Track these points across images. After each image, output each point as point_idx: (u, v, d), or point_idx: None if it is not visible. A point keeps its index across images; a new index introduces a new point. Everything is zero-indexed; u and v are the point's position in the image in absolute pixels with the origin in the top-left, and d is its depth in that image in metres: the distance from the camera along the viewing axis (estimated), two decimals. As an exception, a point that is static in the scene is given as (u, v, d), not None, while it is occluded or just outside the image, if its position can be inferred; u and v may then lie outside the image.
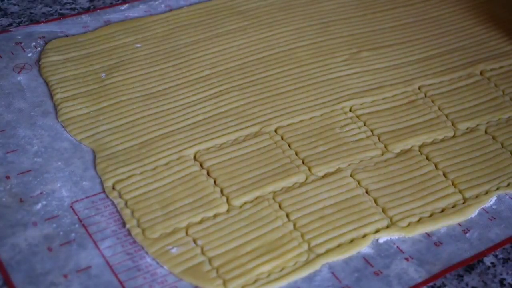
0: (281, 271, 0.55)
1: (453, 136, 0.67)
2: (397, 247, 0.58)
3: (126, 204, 0.59)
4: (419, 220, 0.60)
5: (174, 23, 0.78)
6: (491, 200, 0.62)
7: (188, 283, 0.54)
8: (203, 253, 0.56)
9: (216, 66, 0.72)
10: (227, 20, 0.78)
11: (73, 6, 0.80)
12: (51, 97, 0.68)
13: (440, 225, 0.60)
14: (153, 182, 0.60)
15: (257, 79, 0.71)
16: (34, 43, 0.74)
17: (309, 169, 0.63)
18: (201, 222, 0.58)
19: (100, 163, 0.62)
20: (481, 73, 0.75)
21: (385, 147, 0.66)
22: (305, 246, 0.57)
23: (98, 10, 0.79)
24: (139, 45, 0.74)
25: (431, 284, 0.56)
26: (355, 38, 0.78)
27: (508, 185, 0.63)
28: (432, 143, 0.66)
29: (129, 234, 0.57)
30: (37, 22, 0.77)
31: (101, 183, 0.61)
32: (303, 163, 0.63)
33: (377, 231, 0.58)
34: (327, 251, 0.57)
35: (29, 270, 0.54)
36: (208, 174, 0.62)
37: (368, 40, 0.77)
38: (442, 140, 0.67)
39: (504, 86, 0.73)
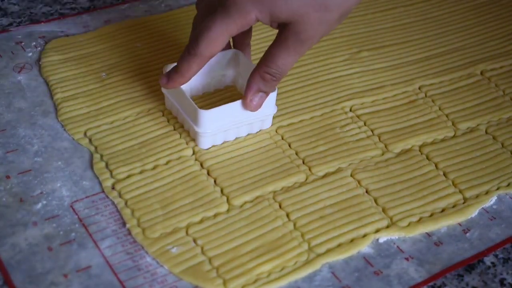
0: (281, 271, 0.55)
1: (454, 136, 0.67)
2: (397, 247, 0.58)
3: (126, 203, 0.59)
4: (419, 220, 0.60)
5: (174, 23, 0.77)
6: (492, 200, 0.62)
7: (188, 282, 0.54)
8: (203, 252, 0.56)
9: (217, 66, 0.72)
10: (227, 19, 0.78)
11: (73, 5, 0.80)
12: (51, 96, 0.68)
13: (441, 225, 0.60)
14: (153, 181, 0.60)
15: (257, 79, 0.71)
16: (34, 43, 0.74)
17: (309, 169, 0.63)
18: (201, 221, 0.58)
19: (97, 163, 0.62)
20: (481, 73, 0.75)
21: (386, 147, 0.66)
22: (305, 246, 0.57)
23: (98, 10, 0.79)
24: (139, 45, 0.74)
25: (431, 284, 0.56)
26: (355, 38, 0.78)
27: (508, 185, 0.63)
28: (433, 143, 0.66)
29: (129, 233, 0.57)
30: (37, 21, 0.77)
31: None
32: (303, 162, 0.63)
33: (377, 231, 0.58)
34: (327, 251, 0.57)
35: (29, 270, 0.54)
36: (208, 173, 0.62)
37: (368, 40, 0.77)
38: (443, 140, 0.67)
39: (504, 86, 0.73)
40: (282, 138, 0.65)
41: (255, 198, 0.60)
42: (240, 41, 0.66)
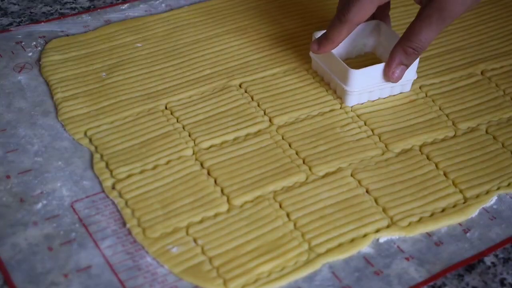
0: (282, 271, 0.55)
1: (454, 136, 0.67)
2: (398, 246, 0.58)
3: (126, 203, 0.59)
4: (420, 220, 0.60)
5: (175, 23, 0.78)
6: (492, 200, 0.62)
7: (188, 282, 0.54)
8: (203, 252, 0.56)
9: (217, 66, 0.72)
10: (227, 19, 0.78)
11: (73, 5, 0.80)
12: (52, 96, 0.68)
13: (441, 225, 0.60)
14: (153, 181, 0.60)
15: (257, 78, 0.71)
16: (34, 43, 0.74)
17: (310, 169, 0.63)
18: (201, 221, 0.58)
19: (97, 163, 0.62)
20: (482, 72, 0.75)
21: (386, 146, 0.66)
22: (306, 246, 0.57)
23: (98, 10, 0.79)
24: (139, 45, 0.74)
25: (431, 283, 0.56)
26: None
27: (508, 184, 0.63)
28: (433, 142, 0.66)
29: (130, 233, 0.57)
30: (38, 21, 0.77)
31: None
32: (303, 162, 0.63)
33: (377, 230, 0.58)
34: (328, 251, 0.57)
35: (29, 270, 0.54)
36: (208, 173, 0.62)
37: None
38: (443, 140, 0.67)
39: (505, 86, 0.73)
40: (283, 138, 0.65)
41: (256, 198, 0.60)
42: (380, 13, 0.71)
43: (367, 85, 0.68)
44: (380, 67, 0.67)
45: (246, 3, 0.81)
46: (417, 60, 0.68)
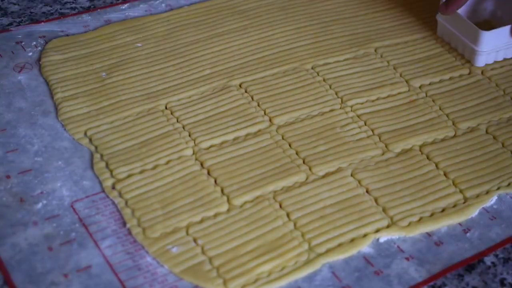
0: (282, 271, 0.55)
1: (454, 136, 0.67)
2: (398, 246, 0.58)
3: (126, 203, 0.59)
4: (420, 220, 0.60)
5: (175, 23, 0.78)
6: (492, 200, 0.62)
7: (188, 282, 0.54)
8: (203, 252, 0.56)
9: (217, 66, 0.72)
10: (227, 19, 0.78)
11: (73, 5, 0.80)
12: (52, 96, 0.68)
13: (441, 225, 0.60)
14: (153, 181, 0.60)
15: (257, 79, 0.71)
16: (34, 43, 0.74)
17: (310, 169, 0.63)
18: (201, 221, 0.58)
19: (97, 163, 0.62)
20: (482, 72, 0.75)
21: (386, 146, 0.66)
22: (306, 246, 0.57)
23: (98, 10, 0.79)
24: (139, 45, 0.74)
25: (431, 283, 0.56)
26: (355, 37, 0.77)
27: (508, 184, 0.63)
28: (433, 142, 0.66)
29: (130, 233, 0.57)
30: (38, 21, 0.77)
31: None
32: (303, 162, 0.63)
33: (377, 230, 0.58)
34: (328, 251, 0.57)
35: (29, 270, 0.54)
36: (208, 173, 0.62)
37: (368, 39, 0.77)
38: (443, 140, 0.67)
39: (505, 85, 0.73)
40: (283, 138, 0.65)
41: (256, 198, 0.60)
42: None
43: (495, 45, 0.73)
44: (507, 28, 0.72)
45: (246, 3, 0.81)
46: None
